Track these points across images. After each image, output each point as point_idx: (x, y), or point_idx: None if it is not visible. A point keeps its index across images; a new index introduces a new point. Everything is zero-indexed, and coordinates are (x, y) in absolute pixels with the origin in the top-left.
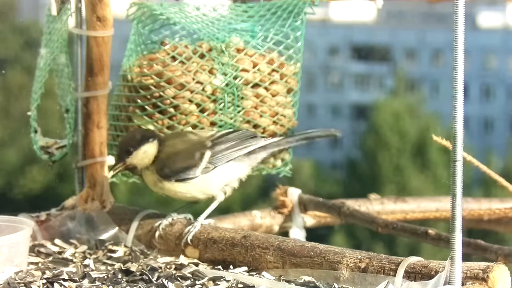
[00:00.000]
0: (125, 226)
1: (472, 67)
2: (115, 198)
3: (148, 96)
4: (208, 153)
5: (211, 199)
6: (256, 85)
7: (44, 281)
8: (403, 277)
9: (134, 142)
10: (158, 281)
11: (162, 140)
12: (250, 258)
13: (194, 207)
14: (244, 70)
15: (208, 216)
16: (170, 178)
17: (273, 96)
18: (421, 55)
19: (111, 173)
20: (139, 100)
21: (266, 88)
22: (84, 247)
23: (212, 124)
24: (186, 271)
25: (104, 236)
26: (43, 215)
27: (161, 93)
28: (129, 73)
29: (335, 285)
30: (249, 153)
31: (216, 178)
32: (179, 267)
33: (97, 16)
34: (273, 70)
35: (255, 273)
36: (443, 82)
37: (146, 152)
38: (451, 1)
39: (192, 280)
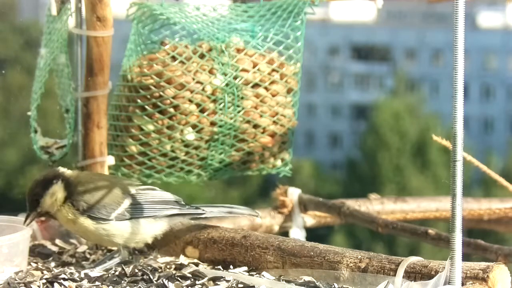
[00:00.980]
0: None
1: (472, 67)
2: None
3: (148, 96)
4: (128, 201)
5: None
6: (256, 85)
7: (44, 281)
8: (403, 277)
9: (38, 191)
10: (159, 281)
11: (70, 177)
12: (250, 258)
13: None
14: (244, 70)
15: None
16: (84, 212)
17: (273, 96)
18: (421, 55)
19: (26, 222)
20: (139, 100)
21: (266, 88)
22: (84, 247)
23: (212, 124)
24: (186, 271)
25: None
26: None
27: (161, 93)
28: (129, 73)
29: (335, 285)
30: (169, 216)
31: (127, 230)
32: (179, 267)
33: (97, 16)
34: (273, 70)
35: (255, 273)
36: (443, 82)
37: (54, 195)
38: (451, 1)
39: (192, 280)
